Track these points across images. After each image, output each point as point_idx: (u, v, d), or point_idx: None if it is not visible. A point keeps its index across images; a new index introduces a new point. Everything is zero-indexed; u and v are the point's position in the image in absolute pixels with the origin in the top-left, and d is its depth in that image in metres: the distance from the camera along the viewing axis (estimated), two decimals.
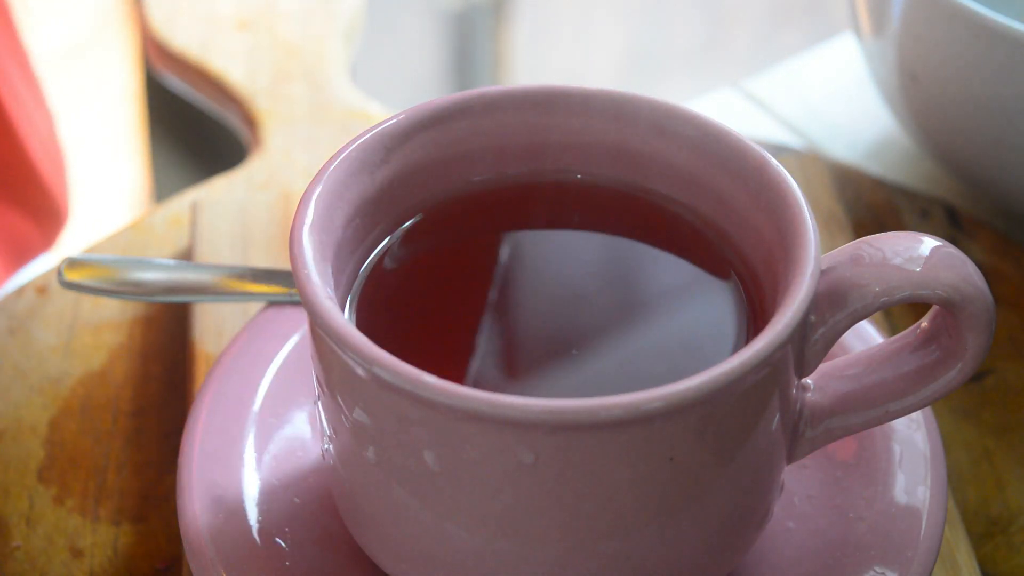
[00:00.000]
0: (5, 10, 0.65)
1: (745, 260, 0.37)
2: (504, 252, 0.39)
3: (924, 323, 0.36)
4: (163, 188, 1.17)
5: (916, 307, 0.50)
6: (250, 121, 0.60)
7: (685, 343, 0.36)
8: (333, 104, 0.60)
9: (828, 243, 0.51)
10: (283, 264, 0.50)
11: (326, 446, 0.36)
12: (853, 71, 0.65)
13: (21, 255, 0.66)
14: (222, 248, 0.51)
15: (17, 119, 0.63)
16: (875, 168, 0.60)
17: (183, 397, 0.47)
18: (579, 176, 0.39)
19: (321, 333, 0.33)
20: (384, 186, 0.37)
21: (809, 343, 0.34)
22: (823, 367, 0.36)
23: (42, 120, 0.67)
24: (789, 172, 0.36)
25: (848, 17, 0.57)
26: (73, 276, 0.44)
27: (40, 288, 0.51)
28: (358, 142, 0.37)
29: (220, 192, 0.55)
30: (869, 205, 0.55)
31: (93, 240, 0.54)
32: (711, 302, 0.37)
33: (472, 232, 0.39)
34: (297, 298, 0.44)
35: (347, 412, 0.33)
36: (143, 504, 0.43)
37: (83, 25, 1.06)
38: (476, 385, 0.31)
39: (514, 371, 0.36)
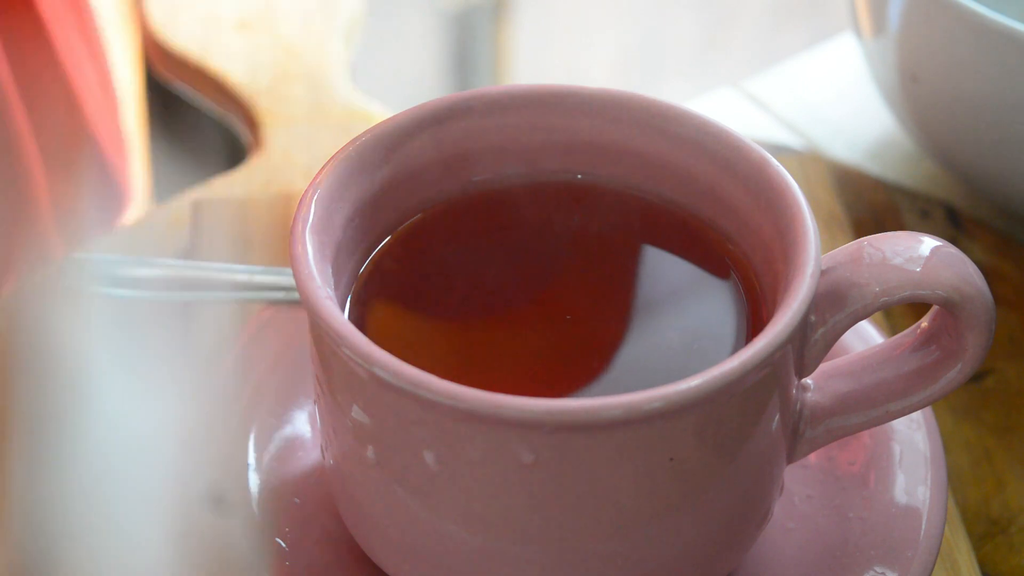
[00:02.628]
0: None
1: (745, 260, 0.37)
2: (504, 252, 0.39)
3: (924, 323, 0.36)
4: (163, 188, 1.17)
5: (916, 307, 0.50)
6: (250, 121, 0.60)
7: (685, 343, 0.36)
8: (333, 104, 0.60)
9: (828, 243, 0.51)
10: (283, 264, 0.50)
11: (326, 446, 0.36)
12: (853, 71, 0.65)
13: (82, 240, 0.66)
14: (222, 248, 0.51)
15: (86, 104, 0.63)
16: (875, 168, 0.60)
17: None
18: (579, 176, 0.39)
19: (321, 333, 0.33)
20: (384, 186, 0.37)
21: (809, 343, 0.34)
22: (823, 367, 0.36)
23: (109, 107, 0.67)
24: (789, 172, 0.36)
25: (848, 17, 0.57)
26: (73, 276, 0.44)
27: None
28: (358, 142, 0.37)
29: (220, 192, 0.55)
30: (869, 205, 0.55)
31: (94, 240, 0.54)
32: (711, 302, 0.37)
33: (472, 232, 0.39)
34: (297, 298, 0.44)
35: (347, 412, 0.33)
36: None
37: None
38: (476, 385, 0.31)
39: (514, 371, 0.36)
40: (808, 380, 0.36)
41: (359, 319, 0.36)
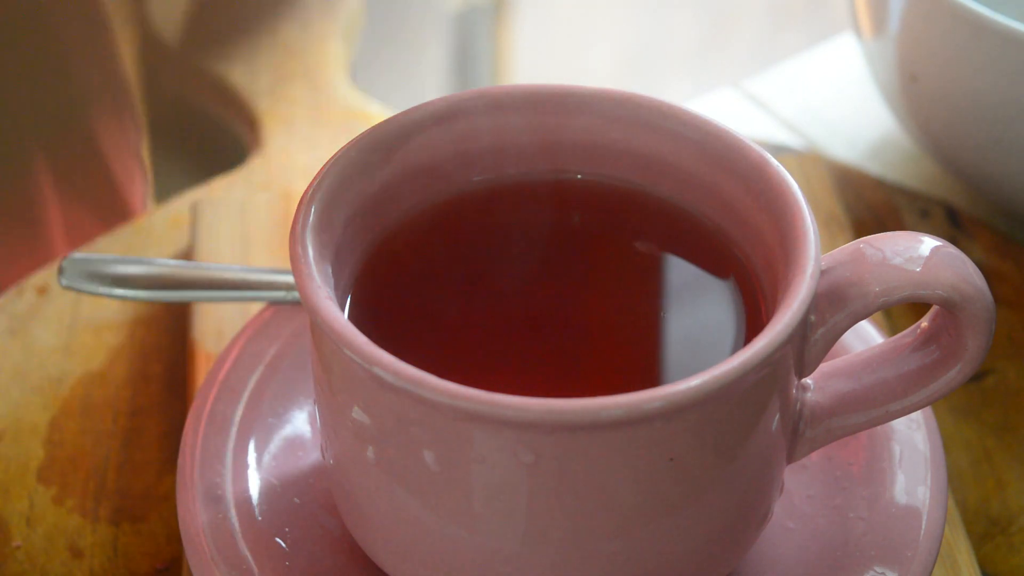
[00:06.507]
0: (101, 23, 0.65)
1: (745, 260, 0.37)
2: (504, 252, 0.39)
3: (924, 323, 0.36)
4: (163, 188, 1.17)
5: (916, 307, 0.50)
6: (250, 121, 0.60)
7: (685, 343, 0.36)
8: (333, 104, 0.60)
9: (828, 243, 0.51)
10: (283, 264, 0.50)
11: (326, 446, 0.36)
12: (853, 71, 0.65)
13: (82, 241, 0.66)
14: (222, 248, 0.51)
15: (86, 105, 0.63)
16: (875, 168, 0.60)
17: (183, 397, 0.47)
18: (579, 176, 0.39)
19: (321, 333, 0.33)
20: (384, 186, 0.37)
21: (809, 343, 0.34)
22: (823, 367, 0.36)
23: (121, 132, 0.67)
24: (789, 172, 0.36)
25: (848, 17, 0.57)
26: (73, 276, 0.44)
27: (40, 288, 0.51)
28: (358, 142, 0.37)
29: (220, 192, 0.55)
30: (869, 205, 0.55)
31: (93, 240, 0.54)
32: (711, 302, 0.37)
33: (472, 232, 0.39)
34: (297, 298, 0.44)
35: (347, 412, 0.33)
36: (143, 504, 0.43)
37: None
38: (476, 385, 0.31)
39: (514, 371, 0.36)
40: (808, 380, 0.36)
41: (359, 319, 0.36)
